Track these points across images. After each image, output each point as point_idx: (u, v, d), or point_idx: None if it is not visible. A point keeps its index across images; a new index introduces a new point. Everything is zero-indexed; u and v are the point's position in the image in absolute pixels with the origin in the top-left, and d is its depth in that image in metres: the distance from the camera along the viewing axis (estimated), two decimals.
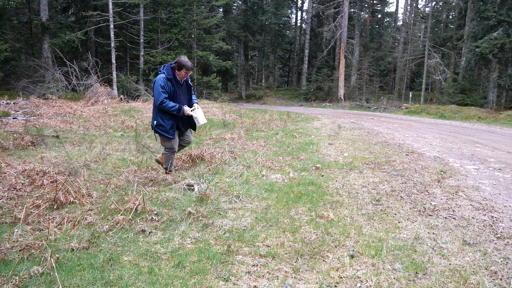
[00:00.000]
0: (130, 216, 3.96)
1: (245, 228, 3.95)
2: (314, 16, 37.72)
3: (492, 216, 4.69)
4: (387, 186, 5.73)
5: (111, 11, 18.51)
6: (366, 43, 35.62)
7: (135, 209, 4.10)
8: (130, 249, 3.40)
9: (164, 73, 5.29)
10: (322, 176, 6.14)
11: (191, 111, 5.41)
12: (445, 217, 4.58)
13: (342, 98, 29.82)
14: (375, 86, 34.77)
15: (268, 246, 3.58)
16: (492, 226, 4.37)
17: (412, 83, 39.08)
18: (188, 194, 4.86)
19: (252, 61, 43.13)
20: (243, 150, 7.57)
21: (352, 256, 3.45)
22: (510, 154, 8.91)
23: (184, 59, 5.35)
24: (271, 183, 5.46)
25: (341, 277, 3.11)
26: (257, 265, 3.25)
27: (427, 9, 39.48)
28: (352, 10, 33.69)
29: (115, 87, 19.01)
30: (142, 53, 21.64)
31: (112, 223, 3.84)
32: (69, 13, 24.76)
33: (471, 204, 5.11)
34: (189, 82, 5.67)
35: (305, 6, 41.96)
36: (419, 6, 42.74)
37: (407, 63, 34.83)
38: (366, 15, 35.88)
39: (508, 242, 3.95)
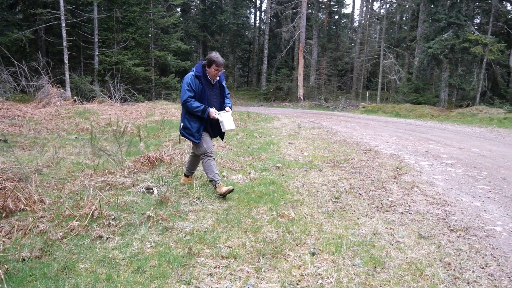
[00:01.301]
0: (86, 222, 3.82)
1: (206, 230, 3.92)
2: (273, 16, 38.05)
3: (445, 210, 4.91)
4: (346, 184, 5.86)
5: (62, 8, 17.77)
6: (324, 44, 36.33)
7: (91, 214, 3.96)
8: (87, 256, 3.28)
9: (193, 70, 4.82)
10: (283, 175, 6.19)
11: (217, 114, 4.80)
12: (402, 212, 4.74)
13: (302, 98, 30.24)
14: (333, 86, 35.55)
15: (229, 247, 3.57)
16: (445, 219, 4.58)
17: (369, 82, 40.25)
18: (147, 197, 4.75)
19: None
20: None
21: (313, 254, 3.50)
22: (461, 150, 9.37)
23: (215, 54, 4.77)
24: (232, 184, 5.44)
25: (303, 275, 3.15)
26: (219, 267, 3.22)
27: (382, 10, 40.82)
28: (310, 11, 34.27)
29: (68, 88, 18.27)
30: (96, 53, 20.95)
31: (66, 230, 3.69)
32: (17, 10, 23.55)
33: (425, 199, 5.32)
34: (223, 83, 5.12)
35: (264, 7, 42.25)
36: (374, 7, 44.18)
37: (364, 63, 35.87)
38: (324, 16, 36.60)
39: (460, 234, 4.14)
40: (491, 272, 3.34)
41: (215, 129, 5.04)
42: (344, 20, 43.54)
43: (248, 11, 41.59)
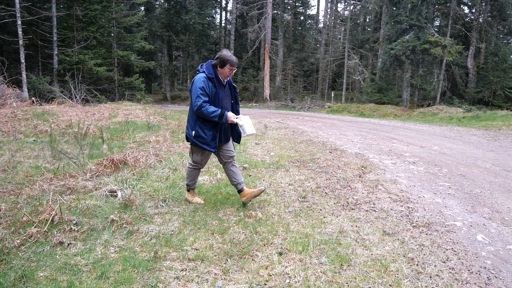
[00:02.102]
0: (45, 228, 3.66)
1: (172, 232, 3.85)
2: (239, 16, 38.04)
3: (408, 207, 5.05)
4: (312, 183, 5.92)
5: (17, 5, 17.01)
6: (290, 44, 36.69)
7: (51, 220, 3.80)
8: (46, 264, 3.14)
9: (204, 71, 4.34)
10: (250, 175, 6.18)
11: (236, 118, 4.40)
12: (367, 210, 4.84)
13: (268, 98, 30.39)
14: (299, 86, 35.97)
15: (196, 249, 3.52)
16: (408, 216, 4.70)
17: (334, 83, 41.01)
18: (110, 201, 4.62)
19: (177, 62, 42.34)
20: (169, 153, 7.39)
21: (280, 253, 3.50)
22: (423, 149, 9.68)
23: (227, 53, 4.36)
24: (198, 185, 5.38)
25: (270, 275, 3.15)
26: (186, 270, 3.17)
27: (346, 12, 41.70)
28: (276, 11, 34.48)
29: (25, 88, 17.55)
30: (56, 52, 20.19)
31: (24, 237, 3.51)
32: None
33: (389, 197, 5.45)
34: (233, 83, 4.69)
35: (229, 7, 42.12)
36: (339, 9, 45.04)
37: (329, 63, 36.49)
38: (289, 17, 36.96)
39: (422, 230, 4.27)
40: (452, 265, 3.45)
41: (226, 134, 4.60)
42: (309, 21, 44.17)
43: (213, 11, 41.35)
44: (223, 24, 44.76)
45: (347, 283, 3.06)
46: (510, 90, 25.88)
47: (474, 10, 27.29)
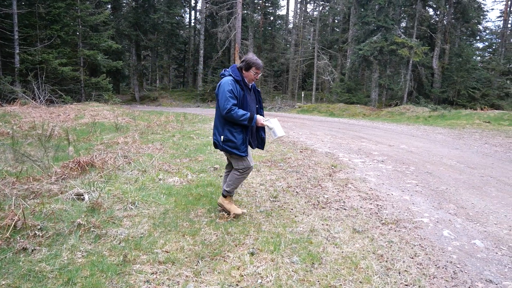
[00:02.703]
0: (7, 234, 3.50)
1: (142, 235, 3.77)
2: (208, 16, 37.81)
3: (377, 205, 5.15)
4: (283, 183, 5.94)
5: None
6: (260, 44, 36.78)
7: (14, 225, 3.64)
8: (9, 271, 3.01)
9: (231, 74, 4.22)
10: (221, 176, 6.14)
11: (265, 120, 4.30)
12: (337, 209, 4.90)
13: None
14: (269, 86, 36.12)
15: (167, 252, 3.46)
16: (377, 213, 4.79)
17: (304, 83, 41.40)
18: (77, 204, 4.47)
19: (145, 61, 41.67)
20: (138, 154, 7.24)
21: (252, 254, 3.49)
22: (391, 147, 9.90)
23: (252, 56, 4.29)
24: (168, 187, 5.30)
25: (242, 275, 3.13)
26: (156, 273, 3.11)
27: (315, 13, 42.16)
28: (246, 11, 34.51)
29: None
30: (17, 51, 19.42)
31: None
32: None
33: (359, 195, 5.54)
34: (257, 88, 4.53)
35: (199, 6, 41.88)
36: (308, 10, 45.51)
37: (299, 64, 36.81)
38: (259, 17, 37.05)
39: (391, 227, 4.36)
40: (420, 261, 3.54)
41: (254, 139, 4.46)
42: (279, 22, 44.43)
43: (182, 10, 40.96)
44: (192, 24, 44.41)
45: (318, 281, 3.09)
46: (473, 90, 26.92)
47: (438, 12, 28.18)
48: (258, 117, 4.20)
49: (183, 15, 42.77)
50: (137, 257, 3.34)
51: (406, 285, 3.11)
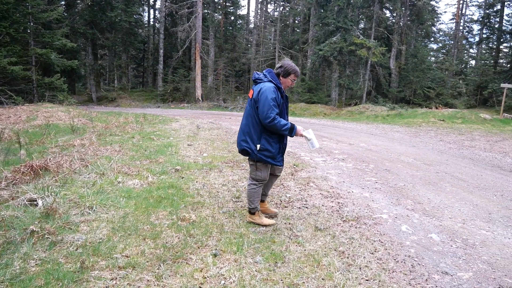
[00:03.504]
0: None
1: (101, 240, 3.64)
2: (168, 15, 37.23)
3: (339, 202, 5.24)
4: (246, 183, 5.93)
5: None
6: (221, 44, 36.64)
7: None
8: None
9: (271, 80, 4.04)
10: (182, 178, 6.05)
11: (304, 131, 4.12)
12: (299, 207, 4.94)
13: (200, 98, 30.09)
14: (231, 86, 36.03)
15: (127, 257, 3.36)
16: (338, 211, 4.88)
17: None
18: (30, 210, 4.26)
19: (103, 61, 40.41)
20: (95, 157, 7.00)
21: (215, 255, 3.46)
22: (351, 146, 10.12)
23: (290, 62, 4.17)
24: (128, 190, 5.15)
25: (205, 277, 3.09)
26: (116, 278, 3.01)
27: (275, 13, 42.45)
28: (206, 11, 34.25)
29: None
30: None
31: None
32: None
33: (320, 193, 5.62)
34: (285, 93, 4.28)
35: (158, 5, 41.13)
36: (269, 10, 45.78)
37: (260, 64, 36.95)
38: (220, 17, 36.88)
39: (352, 224, 4.45)
40: (380, 256, 3.63)
41: (285, 149, 4.35)
42: (240, 21, 44.45)
43: (140, 8, 40.11)
44: (151, 23, 43.59)
45: (281, 280, 3.09)
46: (428, 89, 28.08)
47: (395, 14, 29.16)
48: (298, 128, 4.05)
49: (142, 13, 41.90)
50: (95, 263, 3.22)
51: (366, 280, 3.18)
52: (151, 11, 44.16)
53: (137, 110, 23.15)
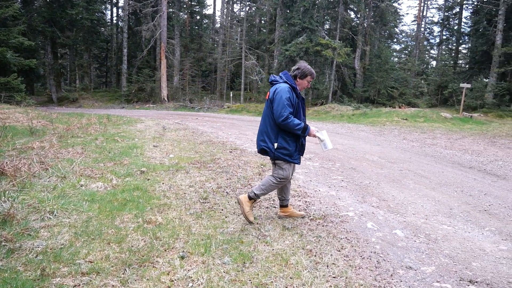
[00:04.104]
0: None
1: (62, 246, 3.50)
2: (131, 13, 36.46)
3: (306, 201, 5.29)
4: (213, 184, 5.88)
5: None
6: (187, 44, 36.27)
7: None
8: None
9: (287, 82, 4.17)
10: (148, 179, 5.93)
11: (317, 132, 4.27)
12: (267, 207, 4.95)
13: (166, 99, 29.68)
14: (197, 86, 35.74)
15: (91, 262, 3.25)
16: (306, 210, 4.92)
17: (232, 83, 41.56)
18: None
19: (63, 60, 39.08)
20: (56, 160, 6.75)
21: (182, 257, 3.40)
22: (318, 145, 10.22)
23: (307, 65, 4.29)
24: (91, 193, 4.99)
25: (172, 280, 3.04)
26: (79, 285, 2.91)
27: (242, 13, 42.46)
28: (171, 10, 33.82)
29: None
30: None
31: None
32: None
33: None
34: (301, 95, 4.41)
35: (121, 3, 40.25)
36: (235, 10, 45.72)
37: (227, 64, 36.87)
38: (185, 16, 36.51)
39: (319, 222, 4.49)
40: (346, 253, 3.69)
41: (303, 148, 4.45)
42: (206, 21, 44.19)
43: (103, 6, 39.08)
44: (114, 21, 42.57)
45: (250, 280, 3.08)
46: (392, 89, 28.89)
47: (359, 15, 29.85)
48: (311, 128, 4.21)
49: (104, 11, 40.84)
50: (57, 270, 3.09)
51: (334, 277, 3.22)
52: (114, 9, 43.16)
53: (101, 111, 22.55)
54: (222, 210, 4.73)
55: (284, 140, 4.16)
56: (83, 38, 32.44)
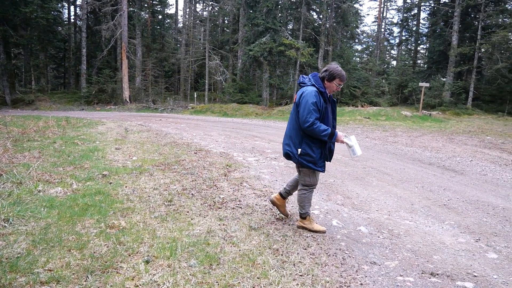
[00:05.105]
0: None
1: (19, 255, 3.34)
2: (90, 12, 35.36)
3: None
4: (178, 186, 5.80)
5: None
6: (149, 44, 35.61)
7: None
8: None
9: (314, 85, 3.96)
10: (110, 183, 5.76)
11: (345, 137, 4.04)
12: (233, 208, 4.93)
13: (128, 100, 29.03)
14: (161, 87, 35.19)
15: (50, 270, 3.12)
16: (272, 210, 4.94)
17: (196, 83, 41.19)
18: None
19: (17, 60, 37.38)
20: (11, 165, 6.44)
21: (147, 262, 3.33)
22: (279, 146, 10.31)
23: (337, 66, 4.01)
24: (50, 199, 4.80)
25: (137, 286, 2.97)
26: None
27: (205, 13, 42.14)
28: (132, 9, 33.09)
29: None
30: None
31: None
32: None
33: (254, 193, 5.65)
34: (333, 97, 4.21)
35: (79, 1, 38.92)
36: (197, 9, 45.32)
37: (190, 64, 36.50)
38: (147, 15, 35.83)
39: (285, 221, 4.52)
40: (312, 251, 3.73)
41: (331, 154, 4.25)
42: (168, 21, 43.55)
43: (59, 5, 37.64)
44: (72, 20, 41.15)
45: (217, 282, 3.06)
46: (354, 89, 29.54)
47: (321, 16, 30.27)
48: (339, 134, 4.01)
49: (61, 10, 39.37)
50: (13, 280, 2.95)
51: (300, 275, 3.24)
52: (72, 7, 41.70)
53: (59, 113, 21.77)
54: (188, 212, 4.67)
55: (308, 146, 4.02)
56: (38, 38, 31.12)
